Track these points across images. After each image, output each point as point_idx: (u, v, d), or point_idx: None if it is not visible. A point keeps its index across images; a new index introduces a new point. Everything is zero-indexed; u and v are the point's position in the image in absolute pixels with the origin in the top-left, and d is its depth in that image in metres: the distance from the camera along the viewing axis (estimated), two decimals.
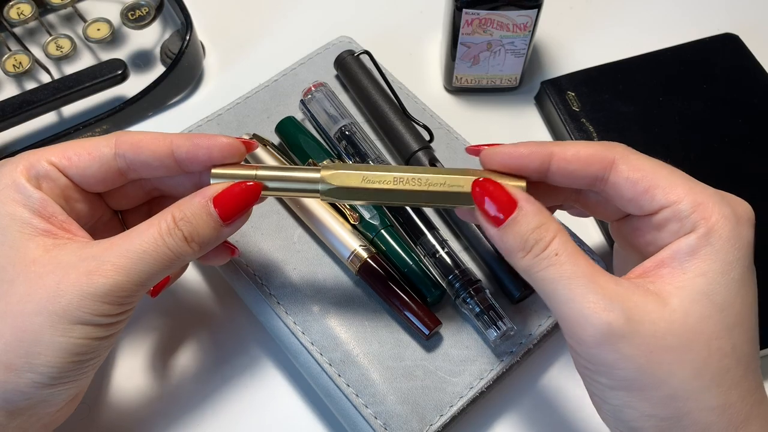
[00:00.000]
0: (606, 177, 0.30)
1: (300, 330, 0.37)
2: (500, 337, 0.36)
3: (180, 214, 0.30)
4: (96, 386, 0.39)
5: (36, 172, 0.31)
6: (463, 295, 0.37)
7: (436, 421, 0.35)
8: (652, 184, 0.29)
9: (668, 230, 0.29)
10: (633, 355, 0.26)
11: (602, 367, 0.27)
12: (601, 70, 0.49)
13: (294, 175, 0.32)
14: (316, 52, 0.48)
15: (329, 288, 0.39)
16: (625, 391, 0.27)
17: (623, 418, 0.28)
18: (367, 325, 0.38)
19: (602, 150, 0.30)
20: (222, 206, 0.31)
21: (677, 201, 0.29)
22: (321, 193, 0.32)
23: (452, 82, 0.49)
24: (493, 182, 0.30)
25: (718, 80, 0.48)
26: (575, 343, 0.28)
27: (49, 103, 0.47)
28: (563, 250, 0.28)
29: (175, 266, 0.31)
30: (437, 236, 0.39)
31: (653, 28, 0.54)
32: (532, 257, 0.28)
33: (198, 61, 0.52)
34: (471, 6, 0.43)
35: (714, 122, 0.47)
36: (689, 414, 0.26)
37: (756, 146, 0.46)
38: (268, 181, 0.32)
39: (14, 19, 0.51)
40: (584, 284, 0.27)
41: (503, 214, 0.29)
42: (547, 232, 0.29)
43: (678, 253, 0.28)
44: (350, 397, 0.36)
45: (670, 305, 0.27)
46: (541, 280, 0.28)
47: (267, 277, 0.39)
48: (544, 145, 0.31)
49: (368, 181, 0.32)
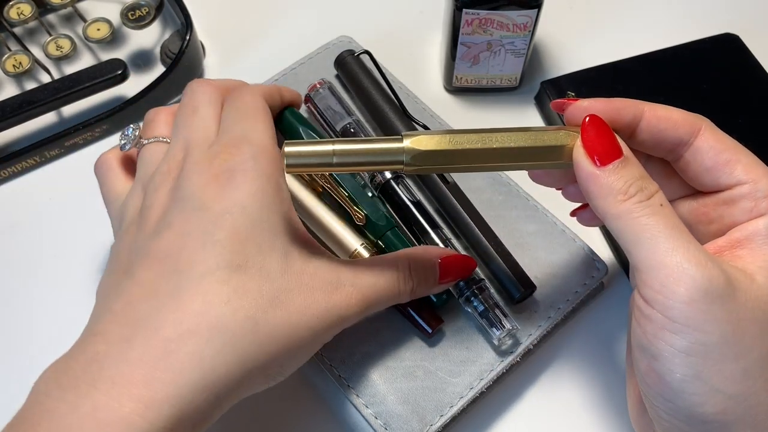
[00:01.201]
0: (691, 142, 0.30)
1: None
2: (504, 336, 0.36)
3: (415, 266, 0.34)
4: None
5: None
6: (467, 293, 0.37)
7: (436, 422, 0.35)
8: (734, 158, 0.29)
9: (741, 207, 0.29)
10: (723, 320, 0.26)
11: (686, 327, 0.26)
12: (601, 70, 0.49)
13: (374, 146, 0.30)
14: (316, 52, 0.48)
15: None
16: (701, 358, 0.26)
17: (688, 390, 0.26)
18: (368, 325, 0.38)
19: (691, 116, 0.31)
20: (444, 269, 0.34)
21: (755, 180, 0.29)
22: (405, 163, 0.30)
23: (452, 82, 0.49)
24: (602, 122, 0.30)
25: (718, 80, 0.48)
26: (663, 296, 0.26)
27: (49, 103, 0.47)
28: (667, 204, 0.28)
29: (384, 306, 0.33)
30: (441, 235, 0.39)
31: (653, 28, 0.54)
32: (635, 202, 0.28)
33: (198, 61, 0.52)
34: (471, 6, 0.43)
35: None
36: (756, 394, 0.26)
37: (756, 146, 0.45)
38: (346, 155, 0.30)
39: (14, 19, 0.51)
40: (687, 238, 0.27)
41: (608, 157, 0.28)
42: (651, 184, 0.28)
43: (755, 235, 0.28)
44: (350, 397, 0.36)
45: (756, 281, 0.27)
46: (641, 226, 0.27)
47: None
48: (636, 102, 0.31)
49: (456, 143, 0.30)
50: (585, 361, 0.40)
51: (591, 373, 0.40)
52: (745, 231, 0.29)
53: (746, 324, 0.26)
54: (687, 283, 0.26)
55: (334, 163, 0.30)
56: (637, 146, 0.31)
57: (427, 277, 0.34)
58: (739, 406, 0.26)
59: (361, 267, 0.32)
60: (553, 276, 0.39)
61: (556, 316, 0.38)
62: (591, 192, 0.29)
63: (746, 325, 0.26)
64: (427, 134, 0.30)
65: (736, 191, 0.29)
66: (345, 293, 0.31)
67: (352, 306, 0.31)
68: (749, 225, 0.29)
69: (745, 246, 0.28)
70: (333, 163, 0.30)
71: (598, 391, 0.39)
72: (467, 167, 0.31)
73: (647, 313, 0.27)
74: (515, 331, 0.36)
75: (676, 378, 0.26)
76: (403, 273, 0.33)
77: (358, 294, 0.31)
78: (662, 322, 0.26)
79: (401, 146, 0.30)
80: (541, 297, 0.39)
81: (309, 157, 0.30)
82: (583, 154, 0.29)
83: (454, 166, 0.31)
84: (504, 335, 0.36)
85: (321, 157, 0.29)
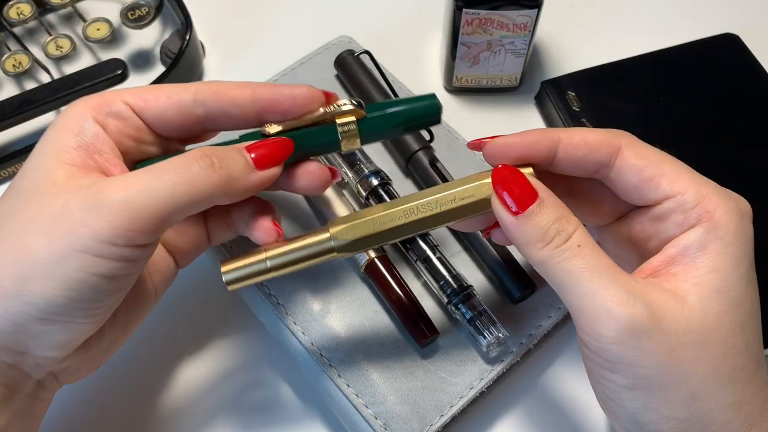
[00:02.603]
0: (612, 163, 0.30)
1: (300, 330, 0.37)
2: (492, 343, 0.36)
3: (210, 151, 0.29)
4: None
5: (108, 109, 0.31)
6: (454, 300, 0.37)
7: (436, 422, 0.35)
8: (657, 172, 0.29)
9: (672, 221, 0.29)
10: (655, 352, 0.26)
11: (621, 365, 0.26)
12: (601, 70, 0.49)
13: (303, 243, 0.31)
14: (316, 52, 0.48)
15: (330, 288, 0.39)
16: (645, 391, 0.26)
17: (641, 420, 0.27)
18: (368, 325, 0.38)
19: (609, 136, 0.30)
20: (255, 150, 0.31)
21: (682, 191, 0.28)
22: (336, 250, 0.31)
23: (452, 82, 0.49)
24: (512, 170, 0.29)
25: (718, 80, 0.48)
26: (593, 339, 0.27)
27: (48, 103, 0.47)
28: (585, 243, 0.28)
29: (198, 198, 0.28)
30: (429, 241, 0.39)
31: (653, 27, 0.54)
32: (553, 248, 0.28)
33: (198, 61, 0.52)
34: (471, 6, 0.43)
35: (714, 122, 0.46)
36: (709, 413, 0.26)
37: (756, 146, 0.46)
38: (279, 257, 0.31)
39: (14, 18, 0.51)
40: (607, 277, 0.27)
41: (522, 203, 0.28)
42: (569, 224, 0.28)
43: (688, 249, 0.28)
44: (350, 397, 0.36)
45: (688, 302, 0.27)
46: (561, 272, 0.27)
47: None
48: (550, 132, 0.30)
49: (380, 224, 0.31)
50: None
51: None
52: (678, 246, 0.28)
53: (681, 350, 0.26)
54: (611, 324, 0.26)
55: (269, 267, 0.31)
56: (560, 173, 0.31)
57: (232, 158, 0.30)
58: (694, 427, 0.26)
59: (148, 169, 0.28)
60: None
61: (556, 316, 0.38)
62: (514, 240, 0.29)
63: (681, 351, 0.26)
64: (352, 222, 0.31)
65: (665, 205, 0.29)
66: (96, 187, 0.27)
67: (117, 190, 0.27)
68: (681, 239, 0.28)
69: (678, 262, 0.28)
70: (269, 268, 0.31)
71: None
72: (400, 239, 0.32)
73: (587, 353, 0.28)
74: (505, 339, 0.36)
75: (628, 411, 0.27)
76: (191, 153, 0.29)
77: (118, 181, 0.27)
78: (600, 362, 0.27)
79: (327, 236, 0.31)
80: (541, 297, 0.39)
81: (244, 269, 0.31)
82: (499, 205, 0.29)
83: (386, 242, 0.32)
84: (492, 343, 0.36)
85: (255, 265, 0.31)
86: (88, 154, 0.29)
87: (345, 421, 0.36)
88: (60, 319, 0.27)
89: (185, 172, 0.28)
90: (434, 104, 0.33)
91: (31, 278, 0.26)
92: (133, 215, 0.26)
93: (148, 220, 0.27)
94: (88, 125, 0.30)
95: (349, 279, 0.39)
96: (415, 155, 0.42)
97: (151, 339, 0.41)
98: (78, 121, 0.30)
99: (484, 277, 0.39)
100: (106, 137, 0.30)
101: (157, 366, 0.40)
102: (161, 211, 0.27)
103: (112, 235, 0.26)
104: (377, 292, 0.38)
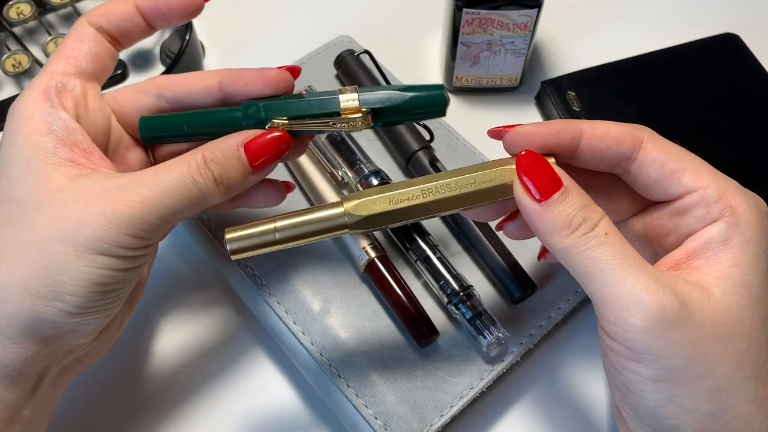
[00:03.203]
0: (634, 156, 0.30)
1: (300, 330, 0.37)
2: (492, 344, 0.36)
3: (211, 155, 0.31)
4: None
5: (52, 90, 0.31)
6: (454, 300, 0.37)
7: (436, 422, 0.35)
8: (679, 166, 0.29)
9: (693, 216, 0.29)
10: (683, 343, 0.25)
11: (647, 355, 0.26)
12: (601, 70, 0.49)
13: (315, 216, 0.30)
14: (316, 52, 0.48)
15: (330, 288, 0.39)
16: (670, 383, 0.26)
17: (663, 414, 0.26)
18: (368, 325, 0.38)
19: (631, 129, 0.30)
20: (251, 153, 0.31)
21: (704, 186, 0.28)
22: (349, 226, 0.30)
23: (452, 82, 0.49)
24: (537, 156, 0.29)
25: (718, 80, 0.48)
26: (620, 328, 0.26)
27: None
28: (612, 231, 0.27)
29: (200, 206, 0.31)
30: (429, 241, 0.39)
31: (653, 27, 0.54)
32: (579, 236, 0.27)
33: (198, 60, 0.52)
34: (471, 5, 0.43)
35: (714, 122, 0.46)
36: (732, 407, 0.26)
37: (756, 146, 0.46)
38: (289, 229, 0.30)
39: (14, 18, 0.51)
40: (635, 266, 0.26)
41: (547, 191, 0.28)
42: (594, 212, 0.28)
43: (710, 243, 0.28)
44: (350, 397, 0.35)
45: (714, 295, 0.26)
46: (588, 260, 0.27)
47: (267, 277, 0.39)
48: (573, 123, 0.30)
49: (396, 201, 0.30)
50: (585, 361, 0.40)
51: (591, 372, 0.39)
52: (700, 240, 0.28)
53: (708, 342, 0.26)
54: (640, 313, 0.25)
55: (278, 239, 0.30)
56: (581, 165, 0.31)
57: (232, 165, 0.31)
58: (717, 422, 0.26)
59: (142, 172, 0.30)
60: (554, 275, 0.39)
61: (556, 316, 0.38)
62: (536, 228, 0.29)
63: (708, 343, 0.26)
64: (367, 197, 0.30)
65: (687, 200, 0.29)
66: (111, 199, 0.29)
67: (132, 209, 0.29)
68: (703, 233, 0.28)
69: (701, 256, 0.28)
70: (277, 240, 0.30)
71: (598, 391, 0.39)
72: (414, 220, 0.31)
73: (610, 344, 0.27)
74: (505, 339, 0.36)
75: (649, 405, 0.26)
76: (195, 164, 0.30)
77: (133, 196, 0.29)
78: (625, 353, 0.26)
79: (341, 211, 0.30)
80: (541, 297, 0.39)
81: (251, 239, 0.30)
82: (522, 192, 0.29)
83: (400, 222, 0.30)
84: (492, 343, 0.36)
85: (263, 236, 0.30)
86: (69, 149, 0.31)
87: (345, 422, 0.36)
88: (94, 310, 0.30)
89: (193, 188, 0.30)
90: (441, 94, 0.32)
91: (65, 281, 0.28)
92: (146, 227, 0.29)
93: (160, 226, 0.30)
94: (53, 119, 0.31)
95: (349, 279, 0.39)
96: (415, 155, 0.42)
97: (145, 346, 0.41)
98: (41, 118, 0.31)
99: (484, 277, 0.39)
100: (74, 124, 0.31)
101: (149, 362, 0.40)
102: (171, 221, 0.30)
103: (131, 242, 0.29)
104: (377, 292, 0.38)
